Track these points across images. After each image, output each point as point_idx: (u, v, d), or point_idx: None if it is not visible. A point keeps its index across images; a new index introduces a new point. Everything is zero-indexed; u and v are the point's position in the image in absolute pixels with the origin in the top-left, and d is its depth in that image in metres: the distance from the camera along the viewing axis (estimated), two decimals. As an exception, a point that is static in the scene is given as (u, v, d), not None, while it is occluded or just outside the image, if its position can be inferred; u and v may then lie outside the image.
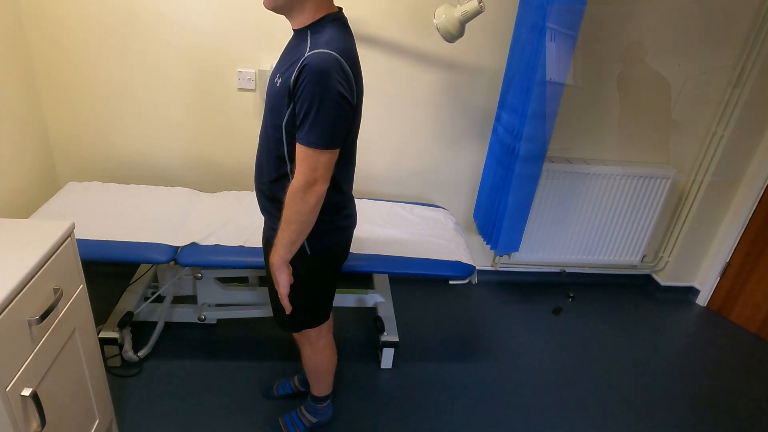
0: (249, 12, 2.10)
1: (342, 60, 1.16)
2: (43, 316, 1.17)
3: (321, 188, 1.22)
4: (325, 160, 1.20)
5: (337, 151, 1.23)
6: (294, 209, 1.23)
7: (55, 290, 1.24)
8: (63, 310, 1.28)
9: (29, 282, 1.13)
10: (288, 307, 1.39)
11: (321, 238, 1.36)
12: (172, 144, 2.32)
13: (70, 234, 1.31)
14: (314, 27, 1.22)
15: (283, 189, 1.29)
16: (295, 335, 1.61)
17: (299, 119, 1.18)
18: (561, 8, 1.87)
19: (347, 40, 1.23)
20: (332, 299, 1.57)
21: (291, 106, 1.19)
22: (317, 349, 1.62)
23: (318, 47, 1.15)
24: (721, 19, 2.33)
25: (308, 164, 1.20)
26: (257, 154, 1.38)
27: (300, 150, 1.20)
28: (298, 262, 1.35)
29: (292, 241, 1.28)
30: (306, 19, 1.22)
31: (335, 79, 1.14)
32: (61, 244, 1.27)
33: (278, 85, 1.21)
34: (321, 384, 1.72)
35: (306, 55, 1.15)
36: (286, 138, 1.25)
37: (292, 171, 1.28)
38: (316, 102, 1.14)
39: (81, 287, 1.38)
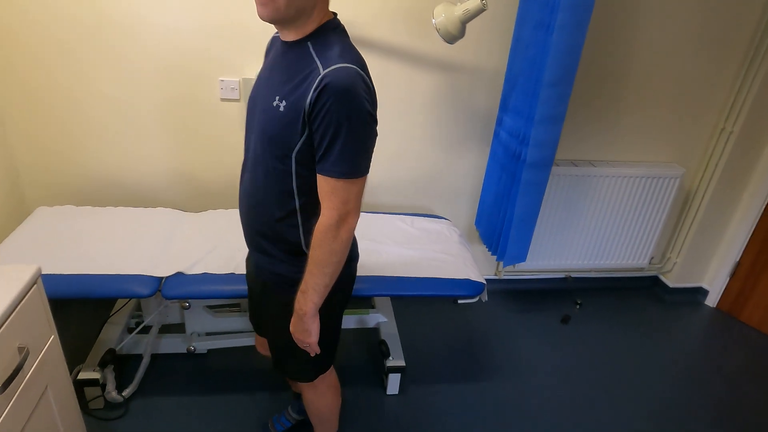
0: (230, 16, 1.93)
1: (363, 74, 1.01)
2: (7, 383, 1.00)
3: (354, 221, 1.08)
4: (357, 189, 1.05)
5: (367, 176, 1.07)
6: (327, 250, 1.07)
7: (20, 349, 1.07)
8: (31, 370, 1.11)
9: (-13, 346, 0.97)
10: (317, 351, 1.24)
11: None
12: (151, 160, 2.15)
13: (35, 281, 1.14)
14: (314, 37, 1.04)
15: (293, 227, 1.15)
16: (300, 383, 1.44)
17: (322, 148, 1.02)
18: (569, 4, 1.73)
19: (357, 50, 1.07)
20: (339, 337, 1.42)
21: (305, 133, 1.02)
22: (320, 393, 1.46)
23: (333, 62, 0.98)
24: (729, 14, 2.22)
25: (340, 198, 1.04)
26: (248, 190, 1.18)
27: (327, 183, 1.04)
28: (285, 288, 1.20)
29: (326, 284, 1.12)
30: (308, 29, 1.04)
31: (362, 96, 0.99)
32: (25, 295, 1.10)
33: (282, 109, 1.03)
34: (325, 426, 1.57)
35: (323, 72, 0.98)
36: (296, 170, 1.08)
37: (303, 206, 1.13)
38: (344, 127, 0.98)
39: (52, 338, 1.21)
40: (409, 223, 2.17)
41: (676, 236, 2.74)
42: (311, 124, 1.01)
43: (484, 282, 1.86)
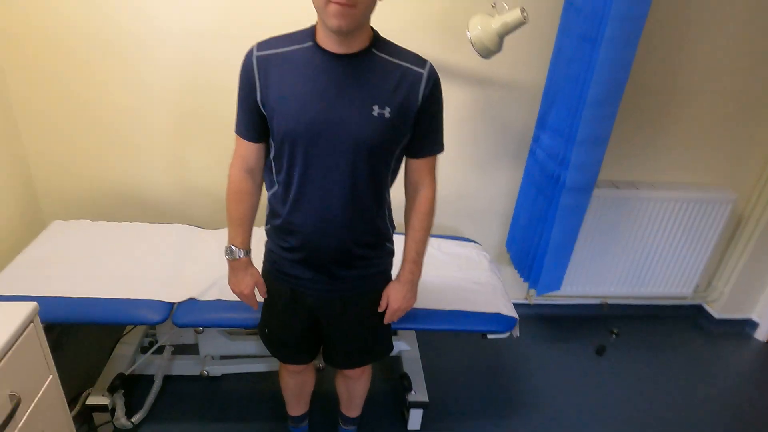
0: (254, 24, 1.83)
1: None
2: (-5, 436, 0.92)
3: None
4: None
5: None
6: (432, 218, 1.26)
7: (11, 397, 0.99)
8: (24, 418, 1.03)
9: (-28, 398, 0.88)
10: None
11: None
12: (168, 174, 2.07)
13: (31, 320, 1.06)
14: (375, 44, 1.11)
15: (383, 219, 1.25)
16: (359, 369, 1.52)
17: (429, 133, 1.18)
18: (619, 16, 1.57)
19: None
20: None
21: (413, 128, 1.15)
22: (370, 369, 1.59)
23: (420, 60, 1.13)
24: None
25: (434, 169, 1.25)
26: (340, 208, 1.16)
27: (430, 161, 1.23)
28: (383, 281, 1.34)
29: None
30: (366, 37, 1.10)
31: None
32: (19, 337, 1.01)
33: (388, 115, 1.09)
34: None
35: (426, 70, 1.12)
36: (393, 165, 1.20)
37: (388, 197, 1.26)
38: (442, 109, 1.19)
39: (50, 379, 1.13)
40: (435, 246, 2.04)
41: (725, 264, 2.54)
42: (421, 116, 1.13)
43: (516, 317, 1.72)
